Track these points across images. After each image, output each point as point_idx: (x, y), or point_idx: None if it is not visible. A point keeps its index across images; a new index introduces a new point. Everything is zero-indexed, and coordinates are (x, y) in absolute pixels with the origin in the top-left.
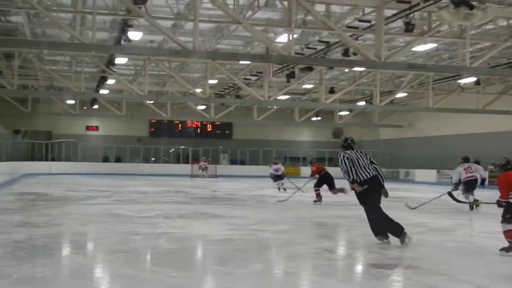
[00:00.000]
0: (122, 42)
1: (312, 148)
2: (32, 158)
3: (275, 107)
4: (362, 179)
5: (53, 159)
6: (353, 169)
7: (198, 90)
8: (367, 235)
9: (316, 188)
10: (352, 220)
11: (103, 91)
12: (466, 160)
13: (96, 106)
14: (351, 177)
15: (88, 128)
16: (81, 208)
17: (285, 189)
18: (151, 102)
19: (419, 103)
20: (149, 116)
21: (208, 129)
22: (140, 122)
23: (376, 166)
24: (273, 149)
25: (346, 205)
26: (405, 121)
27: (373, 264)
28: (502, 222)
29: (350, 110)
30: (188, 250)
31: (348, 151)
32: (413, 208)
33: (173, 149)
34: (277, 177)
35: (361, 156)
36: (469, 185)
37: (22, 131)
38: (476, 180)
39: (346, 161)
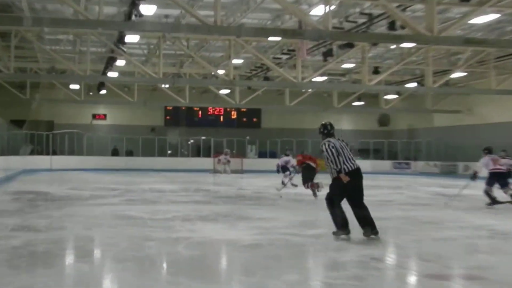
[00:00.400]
0: (133, 17)
1: (353, 138)
2: (31, 152)
3: (310, 90)
4: (348, 170)
5: (54, 153)
6: (340, 158)
7: (221, 72)
8: (421, 240)
9: (305, 185)
10: (401, 222)
11: (111, 74)
12: (490, 151)
13: (103, 92)
14: (339, 167)
15: (94, 117)
16: (87, 210)
17: (296, 185)
18: (167, 86)
19: (480, 84)
20: (164, 102)
21: (232, 117)
22: (154, 109)
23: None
24: (308, 139)
25: (392, 204)
26: (464, 106)
27: (430, 275)
28: None
29: (398, 93)
30: (210, 257)
31: (332, 139)
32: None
33: (192, 140)
34: (284, 168)
35: (344, 145)
36: (494, 178)
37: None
38: (503, 173)
39: (332, 150)
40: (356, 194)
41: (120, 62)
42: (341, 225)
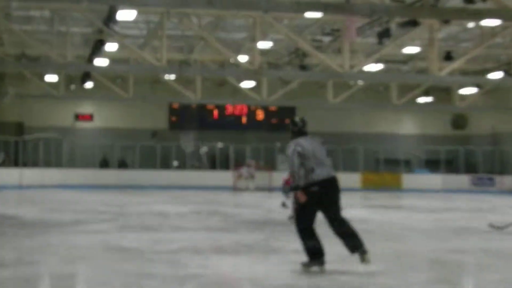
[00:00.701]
0: None
1: (418, 146)
2: (2, 163)
3: (360, 82)
4: (317, 179)
5: (25, 165)
6: (308, 163)
7: (243, 59)
8: (509, 280)
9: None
10: (483, 256)
11: (99, 62)
12: None
13: (89, 85)
14: (296, 181)
15: (77, 117)
16: (67, 239)
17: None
18: (172, 77)
19: None
20: (169, 98)
21: (258, 118)
22: (156, 107)
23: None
24: (359, 145)
25: (472, 232)
26: None
27: None
28: None
29: (478, 86)
30: None
31: (302, 140)
32: (500, 228)
33: (205, 149)
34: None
35: (318, 145)
36: None
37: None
38: None
39: (293, 157)
40: (331, 208)
41: (111, 46)
42: (312, 254)
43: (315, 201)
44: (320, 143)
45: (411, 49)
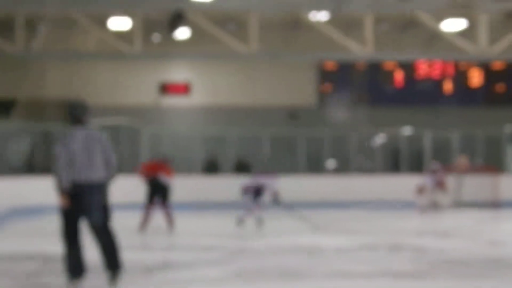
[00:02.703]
0: None
1: None
2: (31, 168)
3: None
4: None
5: None
6: (63, 168)
7: None
8: None
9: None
10: None
11: None
12: None
13: (183, 33)
14: (57, 181)
15: (165, 90)
16: None
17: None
18: (322, 17)
19: None
20: (317, 53)
21: (471, 84)
22: (296, 70)
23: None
24: None
25: None
26: None
27: None
28: None
29: None
30: None
31: (78, 132)
32: None
33: (381, 138)
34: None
35: (94, 142)
36: None
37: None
38: None
39: (60, 155)
40: (84, 215)
41: None
42: (70, 270)
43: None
44: (100, 138)
45: None
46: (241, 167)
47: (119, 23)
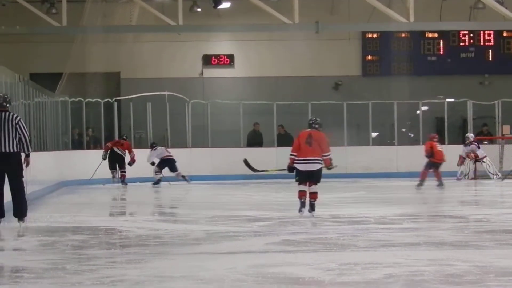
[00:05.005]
0: None
1: None
2: (74, 144)
3: None
4: None
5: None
6: None
7: None
8: None
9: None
10: None
11: None
12: None
13: (226, 5)
14: None
15: (208, 61)
16: (194, 265)
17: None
18: None
19: None
20: (360, 23)
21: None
22: (339, 41)
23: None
24: None
25: None
26: None
27: None
28: None
29: None
30: None
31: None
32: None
33: (424, 108)
34: (164, 163)
35: (5, 122)
36: None
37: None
38: None
39: None
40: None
41: None
42: None
43: None
44: (11, 117)
45: None
46: (284, 137)
47: None
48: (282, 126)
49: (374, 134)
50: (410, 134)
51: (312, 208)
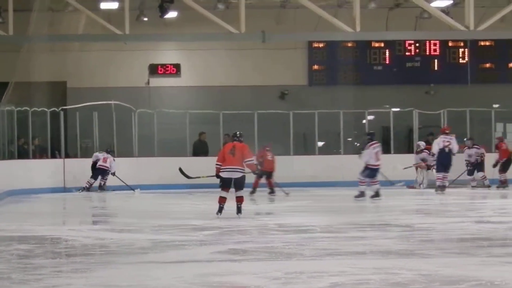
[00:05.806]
0: None
1: None
2: (20, 154)
3: None
4: None
5: (67, 154)
6: None
7: None
8: None
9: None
10: None
11: None
12: None
13: (172, 15)
14: None
15: (154, 70)
16: (140, 274)
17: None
18: None
19: None
20: (307, 32)
21: (459, 60)
22: (285, 50)
23: None
24: None
25: None
26: None
27: None
28: None
29: None
30: None
31: None
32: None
33: (370, 117)
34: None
35: None
36: None
37: None
38: None
39: None
40: None
41: None
42: None
43: None
44: None
45: None
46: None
47: (108, 4)
48: (228, 135)
49: (320, 143)
50: (356, 143)
51: (239, 210)
